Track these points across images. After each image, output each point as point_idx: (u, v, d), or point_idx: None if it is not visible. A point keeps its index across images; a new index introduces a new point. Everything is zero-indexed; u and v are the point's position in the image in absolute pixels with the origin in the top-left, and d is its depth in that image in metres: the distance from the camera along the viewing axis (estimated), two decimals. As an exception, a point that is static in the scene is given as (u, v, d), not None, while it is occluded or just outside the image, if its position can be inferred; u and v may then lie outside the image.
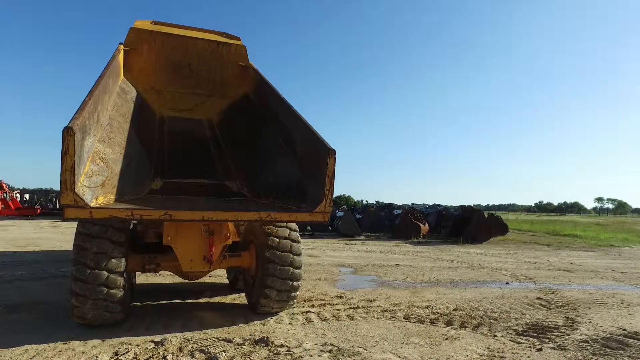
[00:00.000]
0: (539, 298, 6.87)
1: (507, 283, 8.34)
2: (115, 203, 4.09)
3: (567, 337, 4.77)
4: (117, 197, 4.23)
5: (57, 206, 31.58)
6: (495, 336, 4.77)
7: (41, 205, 33.72)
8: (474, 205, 22.32)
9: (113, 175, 4.32)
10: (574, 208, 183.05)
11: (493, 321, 5.38)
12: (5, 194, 32.00)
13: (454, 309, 5.93)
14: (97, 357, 3.77)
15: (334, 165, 4.32)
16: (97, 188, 3.82)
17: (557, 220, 52.62)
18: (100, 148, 4.27)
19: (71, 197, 3.35)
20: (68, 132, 3.28)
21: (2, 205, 29.84)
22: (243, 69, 7.58)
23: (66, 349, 3.95)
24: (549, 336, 4.79)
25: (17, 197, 34.28)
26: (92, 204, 3.54)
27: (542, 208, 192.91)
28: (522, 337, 4.77)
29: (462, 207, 21.64)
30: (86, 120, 3.71)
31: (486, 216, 18.69)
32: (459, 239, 17.55)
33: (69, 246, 4.97)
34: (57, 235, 15.91)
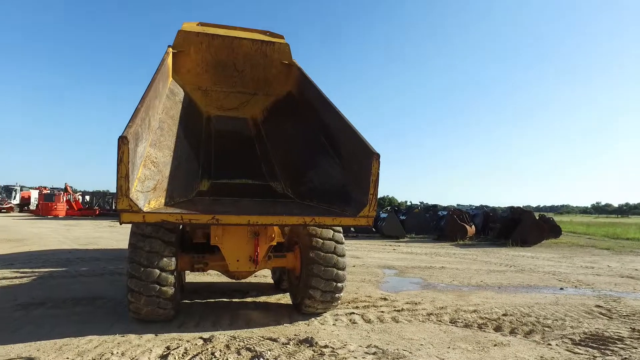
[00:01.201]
0: (598, 306, 6.42)
1: (561, 289, 7.88)
2: (166, 207, 4.29)
3: (633, 350, 4.42)
4: (167, 200, 4.43)
5: (113, 207, 33.84)
6: (549, 345, 4.52)
7: (99, 206, 36.32)
8: (523, 206, 21.19)
9: (163, 178, 4.53)
10: (638, 209, 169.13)
11: (546, 328, 5.10)
12: (69, 196, 34.91)
13: (503, 314, 5.69)
14: (151, 350, 3.98)
15: (378, 169, 4.28)
16: (149, 192, 4.03)
17: (618, 222, 48.74)
18: (151, 152, 4.49)
19: (126, 203, 3.58)
20: (123, 141, 3.49)
21: (67, 207, 32.65)
22: (287, 67, 7.67)
23: (124, 341, 4.21)
24: (611, 348, 4.46)
25: (79, 199, 37.18)
26: (145, 208, 3.76)
27: (600, 209, 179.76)
28: (579, 347, 4.48)
29: (511, 208, 20.68)
30: (139, 127, 3.92)
31: (537, 218, 17.76)
32: (508, 242, 16.81)
33: (125, 245, 5.29)
34: (114, 235, 16.97)
